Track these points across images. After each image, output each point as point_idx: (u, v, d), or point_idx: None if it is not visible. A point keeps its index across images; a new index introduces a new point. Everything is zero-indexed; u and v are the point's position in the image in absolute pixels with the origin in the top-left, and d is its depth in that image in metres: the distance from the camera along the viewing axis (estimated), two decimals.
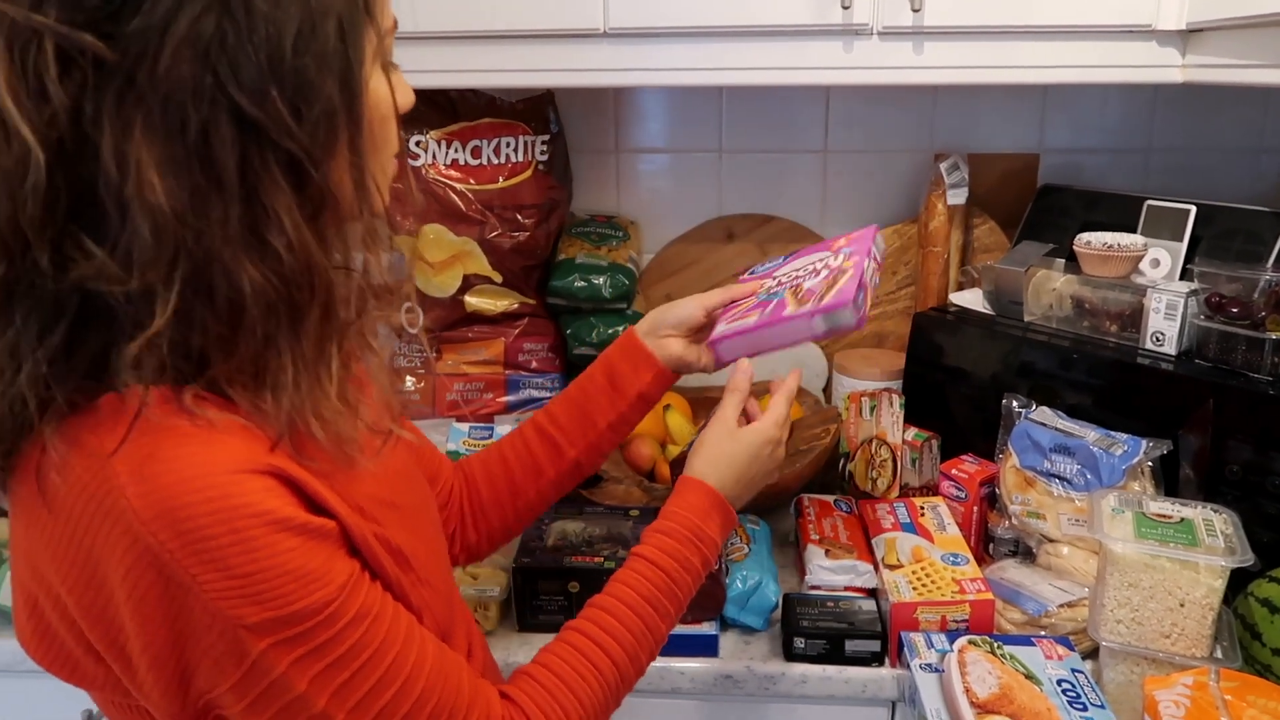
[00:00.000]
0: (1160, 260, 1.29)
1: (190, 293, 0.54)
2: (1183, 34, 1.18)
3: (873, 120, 1.60)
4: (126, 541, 0.53)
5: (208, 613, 0.54)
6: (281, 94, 0.53)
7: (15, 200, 0.51)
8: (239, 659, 0.55)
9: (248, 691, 0.57)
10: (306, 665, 0.57)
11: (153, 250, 0.52)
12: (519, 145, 1.51)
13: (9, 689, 1.15)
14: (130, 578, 0.54)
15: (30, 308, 0.54)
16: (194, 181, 0.52)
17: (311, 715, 0.58)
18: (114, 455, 0.54)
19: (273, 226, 0.55)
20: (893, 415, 1.30)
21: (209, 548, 0.53)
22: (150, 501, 0.53)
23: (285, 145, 0.54)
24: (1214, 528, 0.97)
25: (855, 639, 1.04)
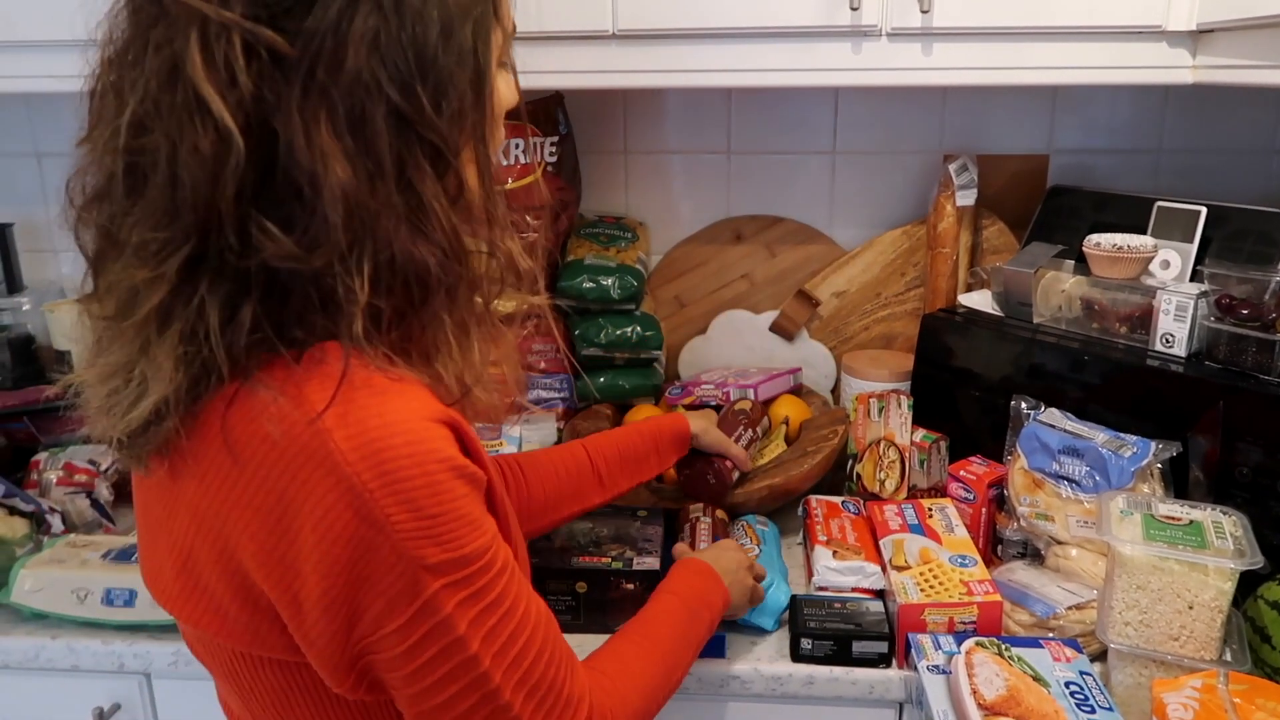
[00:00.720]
0: (1170, 262, 1.28)
1: (376, 269, 0.59)
2: (1193, 35, 1.17)
3: (881, 121, 1.60)
4: (330, 482, 0.57)
5: (394, 552, 0.58)
6: (425, 88, 0.59)
7: (216, 182, 0.55)
8: (412, 598, 0.59)
9: (412, 631, 0.60)
10: (468, 607, 0.61)
11: (341, 231, 0.57)
12: (528, 146, 1.52)
13: (21, 686, 1.16)
14: (327, 519, 0.57)
15: (215, 282, 0.58)
16: (366, 168, 0.57)
17: (465, 657, 0.61)
18: (314, 402, 0.57)
19: (426, 210, 0.60)
20: (901, 416, 1.30)
21: (405, 488, 0.57)
22: (356, 444, 0.57)
23: (428, 136, 0.59)
24: (1223, 530, 0.96)
25: (863, 640, 1.04)
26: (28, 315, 1.64)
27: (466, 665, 0.61)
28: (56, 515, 1.26)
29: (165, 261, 0.57)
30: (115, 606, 1.11)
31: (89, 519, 1.32)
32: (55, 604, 1.12)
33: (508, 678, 0.63)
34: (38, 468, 1.36)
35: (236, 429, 0.59)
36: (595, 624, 1.11)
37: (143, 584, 1.09)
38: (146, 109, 0.56)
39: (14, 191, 1.74)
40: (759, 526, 1.23)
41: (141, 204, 0.58)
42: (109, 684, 1.15)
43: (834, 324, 1.64)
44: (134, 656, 1.11)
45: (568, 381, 1.58)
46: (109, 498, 1.35)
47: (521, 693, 0.64)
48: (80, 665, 1.12)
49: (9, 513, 1.21)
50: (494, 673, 0.62)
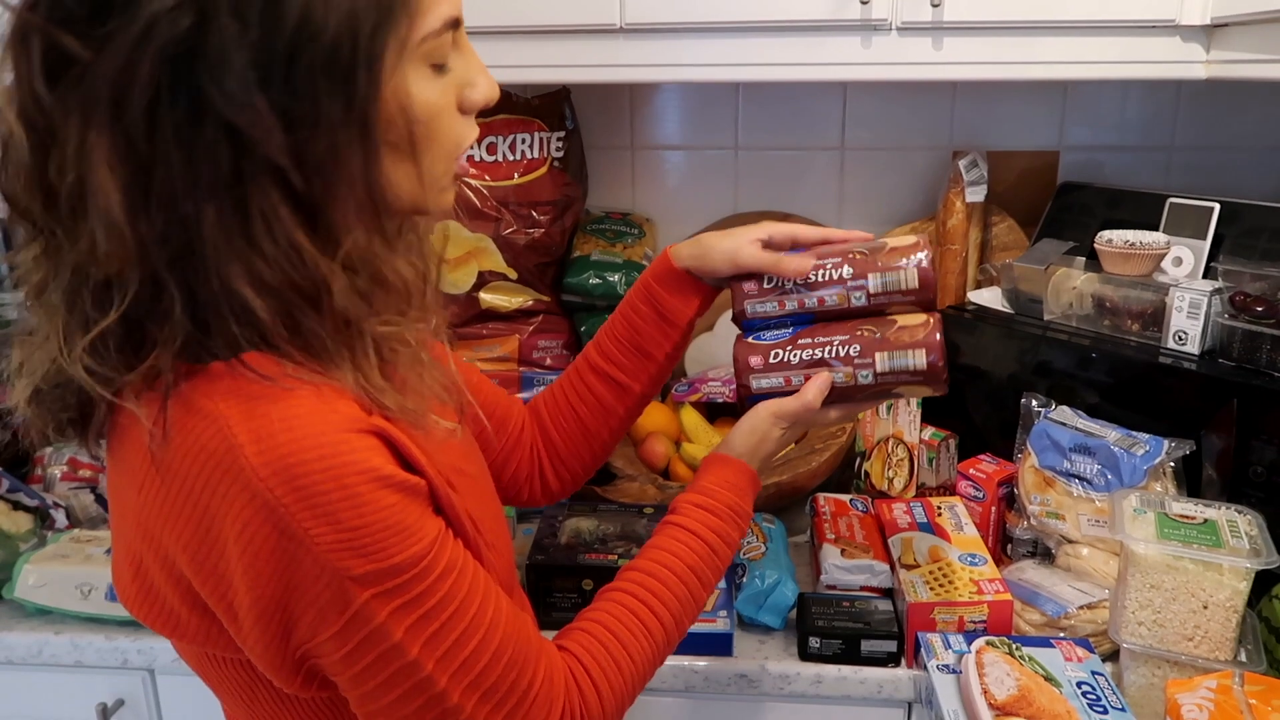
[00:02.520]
0: (1183, 258, 1.27)
1: (180, 290, 0.56)
2: (1207, 29, 1.16)
3: (890, 117, 1.59)
4: (245, 498, 0.56)
5: (317, 565, 0.57)
6: (270, 103, 0.53)
7: (12, 175, 0.55)
8: (342, 608, 0.58)
9: (347, 640, 0.59)
10: (402, 615, 0.59)
11: (106, 245, 0.54)
12: (534, 142, 1.51)
13: (25, 682, 1.15)
14: (246, 533, 0.56)
15: (58, 269, 0.57)
16: (168, 182, 0.53)
17: (405, 663, 0.60)
18: (229, 417, 0.56)
19: (264, 230, 0.55)
20: (910, 414, 1.29)
21: (321, 503, 0.56)
22: (267, 459, 0.55)
23: (272, 155, 0.54)
24: (1238, 529, 0.95)
25: (871, 639, 1.03)
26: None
27: (407, 671, 0.60)
28: (60, 510, 1.25)
29: (31, 245, 0.58)
30: (119, 602, 1.10)
31: (93, 514, 1.31)
32: (59, 599, 1.12)
33: (456, 681, 0.61)
34: (42, 463, 1.36)
35: (160, 441, 0.58)
36: None
37: None
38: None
39: None
40: (765, 524, 1.22)
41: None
42: (113, 680, 1.15)
43: None
44: (138, 652, 1.11)
45: None
46: None
47: (474, 696, 0.62)
48: (84, 661, 1.12)
49: (13, 508, 1.21)
50: (438, 677, 0.61)
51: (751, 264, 0.88)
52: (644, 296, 0.93)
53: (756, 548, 1.16)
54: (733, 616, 1.09)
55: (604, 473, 1.36)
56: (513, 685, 0.64)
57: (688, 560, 0.78)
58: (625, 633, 0.74)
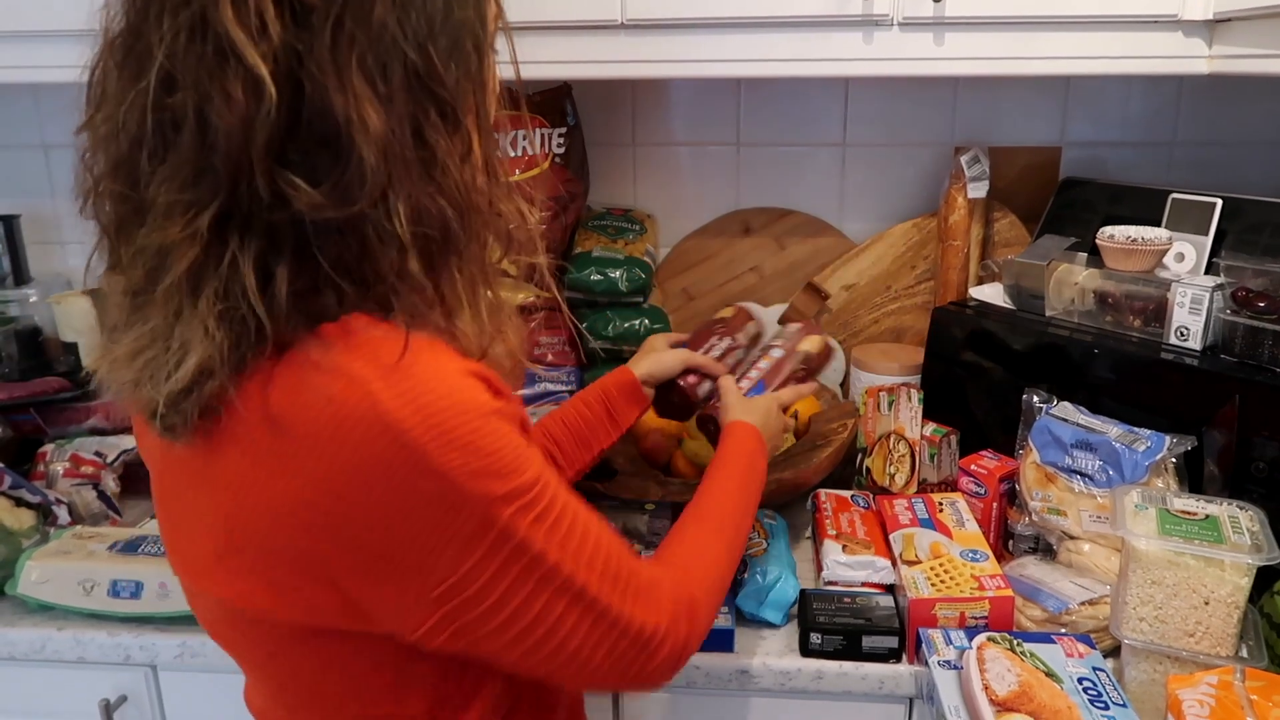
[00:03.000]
0: (1185, 254, 1.27)
1: (410, 213, 0.60)
2: (1209, 24, 1.16)
3: (892, 113, 1.59)
4: (385, 441, 0.58)
5: (460, 495, 0.59)
6: (436, 47, 0.61)
7: (248, 131, 0.56)
8: (486, 531, 0.61)
9: (491, 561, 0.62)
10: (538, 525, 0.63)
11: (377, 177, 0.58)
12: (536, 138, 1.51)
13: (28, 678, 1.16)
14: (388, 478, 0.58)
15: (246, 239, 0.58)
16: (391, 117, 0.59)
17: (547, 568, 0.64)
18: (360, 371, 0.59)
19: (440, 165, 0.62)
20: (911, 410, 1.29)
21: (458, 435, 0.59)
22: (405, 402, 0.58)
23: (440, 93, 0.61)
24: (1240, 525, 0.95)
25: (872, 635, 1.03)
26: (34, 307, 1.63)
27: (551, 575, 0.64)
28: (63, 507, 1.26)
29: (196, 219, 0.57)
30: (121, 598, 1.11)
31: (95, 511, 1.32)
32: (61, 596, 1.12)
33: (590, 573, 0.66)
34: (44, 459, 1.36)
35: (281, 402, 0.59)
36: None
37: (148, 576, 1.10)
38: (175, 64, 0.56)
39: (20, 183, 1.74)
40: (767, 520, 1.22)
41: (169, 162, 0.58)
42: (115, 676, 1.15)
43: (844, 317, 1.63)
44: (140, 649, 1.11)
45: (575, 374, 1.57)
46: (115, 490, 1.35)
47: (607, 584, 0.67)
48: (86, 657, 1.12)
49: (15, 504, 1.21)
50: (578, 574, 0.65)
51: (695, 362, 1.16)
52: (599, 398, 1.12)
53: (758, 544, 1.16)
54: (734, 613, 1.09)
55: (605, 469, 1.36)
56: (632, 570, 0.70)
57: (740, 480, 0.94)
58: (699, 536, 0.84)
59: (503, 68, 0.72)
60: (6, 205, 1.70)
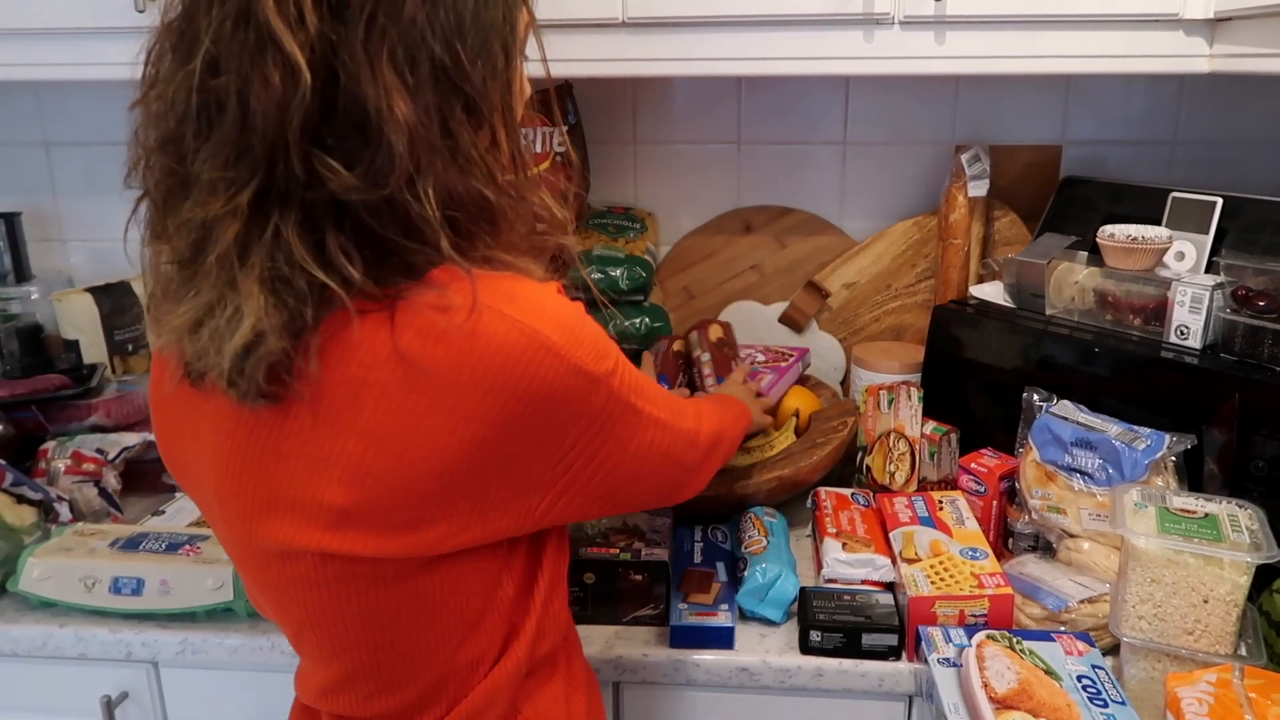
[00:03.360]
0: (1185, 253, 1.27)
1: (441, 196, 0.64)
2: (1210, 23, 1.16)
3: (893, 111, 1.59)
4: (538, 353, 0.64)
5: (592, 380, 0.68)
6: (464, 46, 0.64)
7: (284, 114, 0.60)
8: (608, 401, 0.70)
9: (609, 421, 0.71)
10: (634, 388, 0.73)
11: (405, 163, 0.61)
12: (537, 136, 1.51)
13: (29, 674, 1.16)
14: (546, 386, 0.65)
15: (285, 212, 0.62)
16: (419, 107, 0.62)
17: (647, 419, 0.75)
18: (484, 300, 0.64)
19: (464, 153, 0.65)
20: (911, 408, 1.29)
21: (580, 335, 0.67)
22: (536, 316, 0.65)
23: (465, 89, 0.65)
24: (1239, 523, 0.95)
25: (872, 633, 1.04)
26: (36, 305, 1.64)
27: (642, 417, 0.74)
28: (64, 504, 1.26)
29: (237, 195, 0.61)
30: (123, 595, 1.11)
31: (97, 508, 1.32)
32: (63, 592, 1.12)
33: (660, 408, 0.77)
34: (46, 456, 1.36)
35: (414, 345, 0.63)
36: (603, 615, 1.11)
37: (149, 573, 1.10)
38: (220, 49, 0.60)
39: (22, 181, 1.74)
40: (767, 518, 1.22)
41: (212, 141, 0.62)
42: (117, 672, 1.15)
43: (844, 315, 1.63)
44: (141, 645, 1.11)
45: None
46: (117, 486, 1.35)
47: (667, 410, 0.78)
48: (88, 654, 1.12)
49: (17, 501, 1.21)
50: (653, 410, 0.75)
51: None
52: None
53: (758, 541, 1.16)
54: (734, 610, 1.09)
55: None
56: (671, 395, 0.81)
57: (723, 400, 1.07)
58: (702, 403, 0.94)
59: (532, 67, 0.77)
60: (7, 203, 1.70)
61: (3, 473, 1.22)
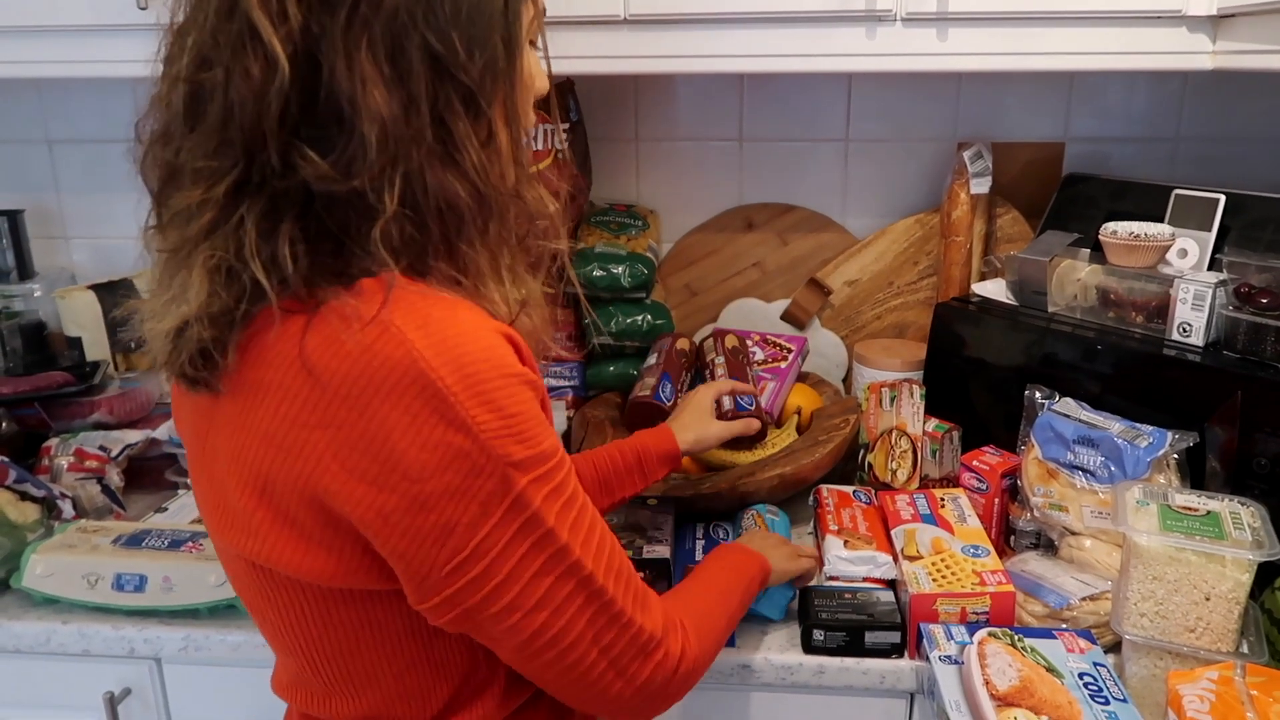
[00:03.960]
0: (1188, 250, 1.27)
1: (406, 192, 0.62)
2: (1213, 19, 1.15)
3: (895, 108, 1.59)
4: (416, 389, 0.59)
5: (483, 453, 0.60)
6: (459, 35, 0.63)
7: (262, 104, 0.60)
8: (504, 496, 0.62)
9: (506, 529, 0.62)
10: (553, 500, 0.64)
11: (375, 153, 0.61)
12: (539, 133, 1.50)
13: (32, 671, 1.16)
14: (415, 426, 0.60)
15: (254, 202, 0.62)
16: (401, 98, 0.62)
17: (557, 548, 0.64)
18: (400, 324, 0.60)
19: (457, 145, 0.64)
20: (913, 406, 1.29)
21: (485, 390, 0.61)
22: (438, 351, 0.60)
23: (462, 79, 0.63)
24: (1241, 521, 0.95)
25: (875, 631, 1.04)
26: (39, 302, 1.64)
27: (559, 555, 0.65)
28: (67, 501, 1.26)
29: (216, 185, 0.62)
30: (126, 592, 1.11)
31: (100, 505, 1.32)
32: (66, 589, 1.12)
33: (597, 563, 0.67)
34: (49, 453, 1.36)
35: (316, 352, 0.61)
36: None
37: (152, 570, 1.10)
38: (206, 42, 0.62)
39: (25, 178, 1.74)
40: (769, 515, 1.22)
41: (198, 132, 0.63)
42: (119, 669, 1.15)
43: (846, 313, 1.63)
44: (144, 642, 1.11)
45: (578, 369, 1.57)
46: (120, 483, 1.35)
47: (611, 576, 0.68)
48: (91, 650, 1.12)
49: (20, 498, 1.21)
50: (585, 560, 0.66)
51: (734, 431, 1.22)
52: (634, 451, 1.12)
53: None
54: None
55: None
56: (632, 572, 0.71)
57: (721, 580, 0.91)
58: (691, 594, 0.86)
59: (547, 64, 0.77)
60: (10, 200, 1.70)
61: (6, 470, 1.22)
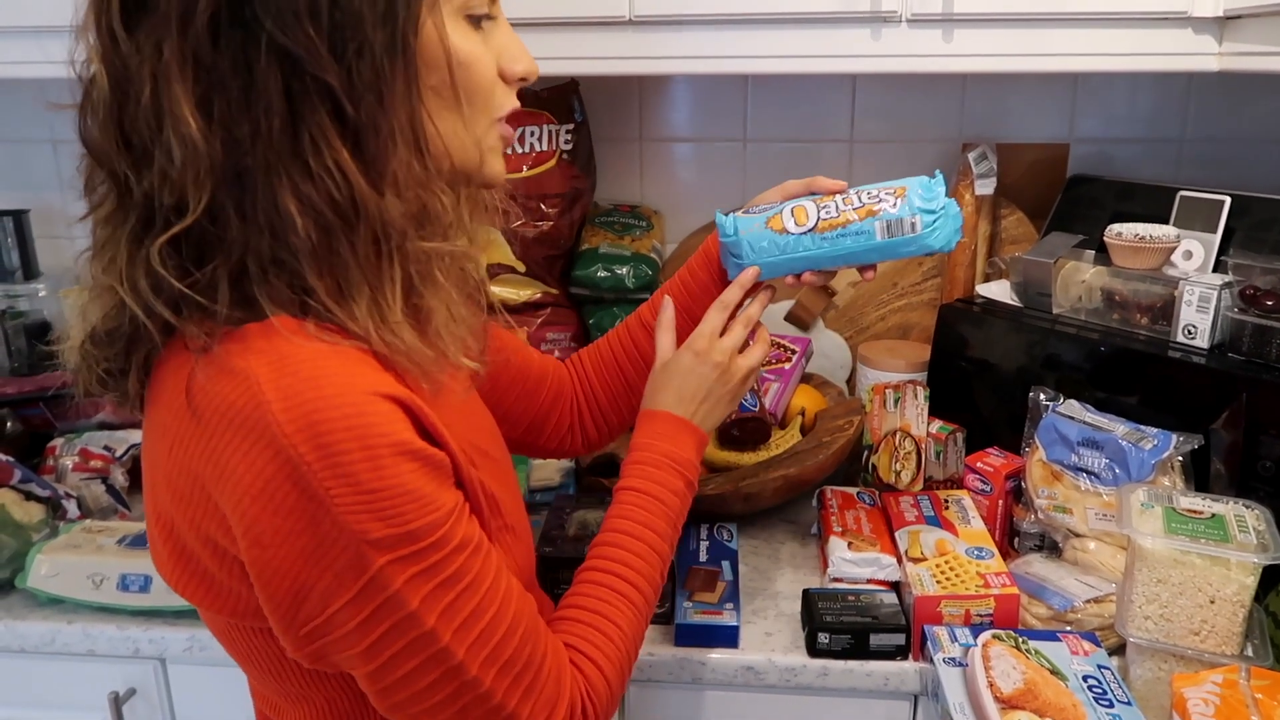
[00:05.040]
0: (1193, 252, 1.26)
1: (234, 208, 0.58)
2: (1219, 21, 1.15)
3: (900, 109, 1.58)
4: (269, 454, 0.56)
5: (335, 526, 0.57)
6: (318, 29, 0.57)
7: (93, 122, 0.59)
8: (358, 574, 0.58)
9: (362, 608, 0.59)
10: (419, 583, 0.60)
11: (180, 164, 0.57)
12: (543, 134, 1.51)
13: (38, 671, 1.16)
14: (268, 490, 0.56)
15: (125, 225, 0.60)
16: (226, 104, 0.57)
17: (421, 633, 0.60)
18: (257, 373, 0.57)
19: (313, 151, 0.58)
20: (917, 407, 1.29)
21: (343, 461, 0.56)
22: (293, 415, 0.56)
23: (322, 79, 0.57)
24: (1246, 524, 0.95)
25: (880, 633, 1.03)
26: (43, 301, 1.64)
27: (423, 641, 0.61)
28: (72, 501, 1.26)
29: (99, 207, 0.62)
30: (130, 592, 1.11)
31: (104, 505, 1.32)
32: (71, 589, 1.13)
33: (473, 653, 0.62)
34: (54, 453, 1.37)
35: (197, 392, 0.59)
36: None
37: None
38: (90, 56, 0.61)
39: (29, 178, 1.74)
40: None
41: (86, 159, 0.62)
42: (124, 669, 1.16)
43: (850, 314, 1.63)
44: (149, 642, 1.12)
45: None
46: (124, 483, 1.36)
47: (493, 669, 0.63)
48: (96, 650, 1.13)
49: (25, 498, 1.22)
50: (456, 648, 0.61)
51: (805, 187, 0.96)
52: (703, 262, 1.01)
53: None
54: (739, 611, 1.09)
55: (611, 465, 1.36)
56: (528, 659, 0.66)
57: (639, 518, 0.82)
58: (606, 606, 0.77)
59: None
60: (15, 200, 1.71)
61: (11, 470, 1.22)
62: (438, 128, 0.64)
